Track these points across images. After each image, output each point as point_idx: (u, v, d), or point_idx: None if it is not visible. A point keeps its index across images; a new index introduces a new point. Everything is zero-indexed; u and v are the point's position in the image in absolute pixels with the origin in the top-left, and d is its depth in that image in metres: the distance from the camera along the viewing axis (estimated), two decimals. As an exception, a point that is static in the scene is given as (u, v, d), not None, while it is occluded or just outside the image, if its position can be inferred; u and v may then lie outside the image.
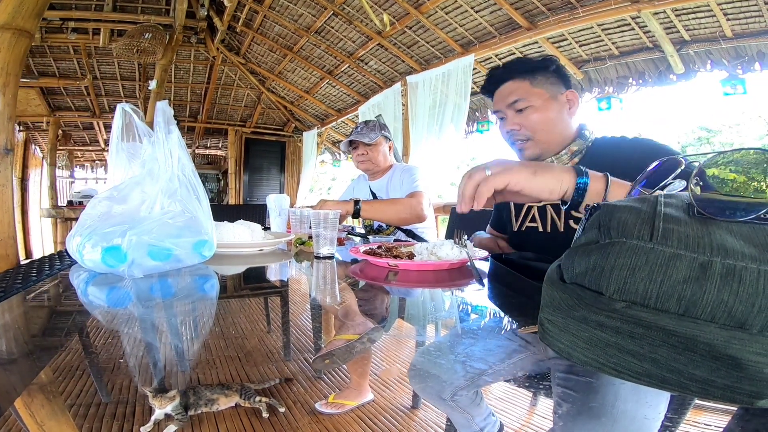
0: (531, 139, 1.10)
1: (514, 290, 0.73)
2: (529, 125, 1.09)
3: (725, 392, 0.28)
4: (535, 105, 1.08)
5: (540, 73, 1.10)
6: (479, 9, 3.51)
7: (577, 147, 1.09)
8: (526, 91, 1.09)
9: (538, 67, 1.10)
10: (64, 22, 4.94)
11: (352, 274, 0.92)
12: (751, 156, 0.38)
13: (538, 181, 0.64)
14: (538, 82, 1.09)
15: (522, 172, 0.64)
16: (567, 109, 1.10)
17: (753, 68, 2.68)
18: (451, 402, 0.34)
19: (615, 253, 0.32)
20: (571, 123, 1.11)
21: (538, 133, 1.09)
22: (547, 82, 1.09)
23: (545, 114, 1.08)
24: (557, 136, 1.09)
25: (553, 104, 1.08)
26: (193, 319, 0.58)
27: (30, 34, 2.13)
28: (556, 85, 1.10)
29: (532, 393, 0.37)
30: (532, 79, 1.09)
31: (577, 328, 0.34)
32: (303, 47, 5.26)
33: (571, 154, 1.09)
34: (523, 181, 0.64)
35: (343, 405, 0.33)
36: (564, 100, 1.10)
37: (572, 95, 1.11)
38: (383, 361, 0.44)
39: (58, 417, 0.31)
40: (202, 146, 8.16)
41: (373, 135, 1.99)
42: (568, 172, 0.66)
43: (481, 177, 0.65)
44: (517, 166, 0.65)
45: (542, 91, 1.09)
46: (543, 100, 1.08)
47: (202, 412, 0.31)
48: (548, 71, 1.10)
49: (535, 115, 1.08)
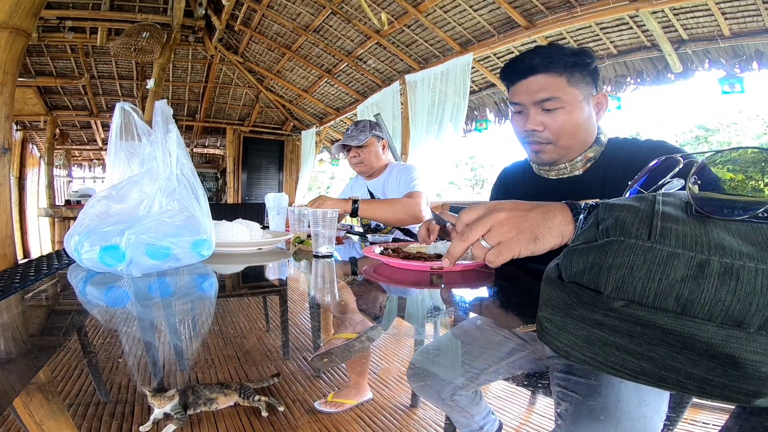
0: (552, 144, 0.99)
1: (513, 289, 0.73)
2: (556, 128, 0.97)
3: (723, 391, 0.28)
4: (567, 107, 0.95)
5: (578, 69, 0.96)
6: (478, 8, 3.51)
7: (593, 153, 1.01)
8: (561, 89, 0.95)
9: (577, 63, 0.96)
10: (61, 21, 4.92)
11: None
12: (749, 155, 0.38)
13: (540, 247, 0.56)
14: (574, 81, 0.96)
15: (522, 242, 0.56)
16: (595, 113, 1.01)
17: (751, 67, 2.69)
18: (451, 401, 0.34)
19: (613, 251, 0.32)
20: (595, 128, 1.02)
21: (563, 138, 0.98)
22: (583, 81, 0.97)
23: (575, 118, 0.96)
24: (580, 143, 1.00)
25: (584, 108, 0.97)
26: (192, 319, 0.58)
27: (27, 34, 2.12)
28: (589, 85, 0.98)
29: (530, 392, 0.37)
30: (570, 76, 0.96)
31: (576, 327, 0.34)
32: (301, 46, 5.25)
33: (586, 161, 1.02)
34: (525, 251, 0.56)
35: (342, 404, 0.33)
36: (594, 102, 1.00)
37: (603, 98, 1.01)
38: (382, 360, 0.44)
39: (56, 416, 0.31)
40: (200, 145, 8.15)
41: (363, 136, 1.97)
42: (567, 222, 0.57)
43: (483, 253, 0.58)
44: (514, 235, 0.56)
45: (577, 91, 0.96)
46: (577, 102, 0.96)
47: (201, 411, 0.31)
48: (586, 68, 0.97)
49: (564, 117, 0.96)
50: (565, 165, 1.04)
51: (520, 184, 1.21)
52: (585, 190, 1.01)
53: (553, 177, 1.09)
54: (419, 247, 1.06)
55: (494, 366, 0.41)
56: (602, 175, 1.00)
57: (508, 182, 1.29)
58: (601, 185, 0.99)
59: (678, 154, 0.50)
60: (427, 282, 0.82)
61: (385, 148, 2.09)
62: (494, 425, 0.31)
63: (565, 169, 1.05)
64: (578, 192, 1.02)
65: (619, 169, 0.95)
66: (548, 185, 1.09)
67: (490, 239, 0.57)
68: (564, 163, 1.04)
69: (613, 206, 0.38)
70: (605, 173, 0.99)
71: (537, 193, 1.12)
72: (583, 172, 1.03)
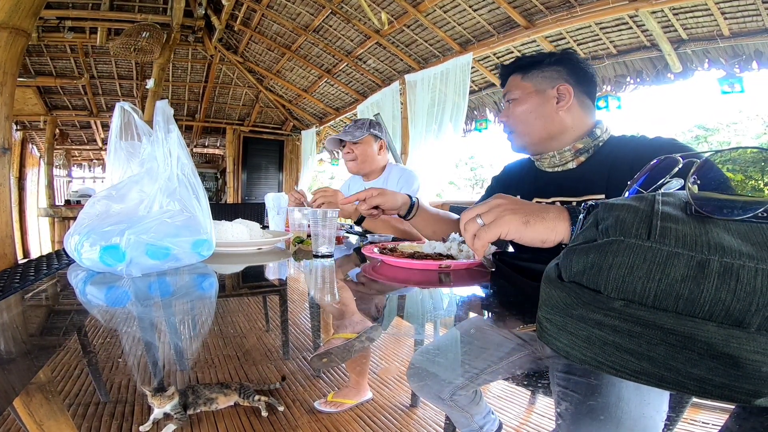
0: (513, 132, 1.13)
1: (513, 289, 0.73)
2: (513, 117, 1.12)
3: (723, 391, 0.28)
4: (517, 98, 1.10)
5: (536, 67, 1.10)
6: (477, 8, 3.51)
7: (582, 145, 1.07)
8: (516, 84, 1.12)
9: (535, 62, 1.11)
10: (61, 21, 4.92)
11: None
12: (749, 155, 0.38)
13: (529, 232, 0.60)
14: (529, 76, 1.10)
15: (512, 222, 0.61)
16: (554, 104, 1.07)
17: (750, 67, 2.69)
18: (450, 402, 0.34)
19: (613, 251, 0.32)
20: (559, 118, 1.07)
21: (518, 125, 1.11)
22: (539, 76, 1.09)
23: (524, 106, 1.09)
24: (539, 130, 1.09)
25: (533, 98, 1.08)
26: (191, 318, 0.58)
27: (27, 33, 2.12)
28: (549, 79, 1.08)
29: (530, 392, 0.37)
30: (524, 73, 1.11)
31: (576, 327, 0.34)
32: (301, 46, 5.25)
33: (575, 152, 1.07)
34: (514, 231, 0.61)
35: (342, 403, 0.33)
36: (553, 94, 1.07)
37: (564, 89, 1.07)
38: (382, 360, 0.44)
39: (56, 416, 0.31)
40: (200, 145, 8.15)
41: (359, 133, 1.96)
42: (562, 219, 0.60)
43: (475, 228, 0.63)
44: (508, 215, 0.61)
45: (529, 84, 1.10)
46: (525, 94, 1.09)
47: (201, 411, 0.31)
48: (542, 65, 1.10)
49: (516, 107, 1.10)
50: (553, 154, 1.10)
51: (520, 177, 1.26)
52: (584, 184, 1.04)
53: (548, 169, 1.14)
54: (415, 246, 1.06)
55: (494, 366, 0.41)
56: (605, 170, 1.01)
57: (511, 175, 1.33)
58: (605, 181, 1.01)
59: (686, 153, 0.50)
60: (435, 281, 0.82)
61: (383, 149, 2.05)
62: (494, 425, 0.31)
63: (554, 158, 1.11)
64: (577, 185, 1.06)
65: (626, 166, 0.95)
66: (545, 178, 1.15)
67: (485, 218, 0.63)
68: (552, 152, 1.10)
69: (613, 206, 0.38)
70: (609, 169, 1.01)
71: (534, 185, 1.17)
72: (578, 166, 1.08)
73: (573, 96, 1.07)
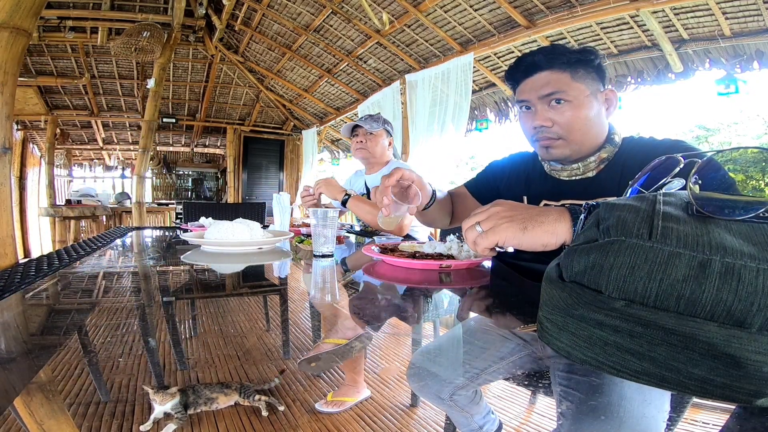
0: (563, 138, 0.98)
1: (514, 289, 0.73)
2: (564, 123, 0.97)
3: (724, 391, 0.28)
4: (574, 101, 0.96)
5: (582, 66, 0.98)
6: (478, 7, 3.51)
7: (606, 154, 1.00)
8: (566, 84, 0.96)
9: (581, 60, 0.98)
10: (61, 20, 4.93)
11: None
12: (750, 155, 0.38)
13: (527, 239, 0.59)
14: (579, 76, 0.97)
15: (510, 230, 0.59)
16: (605, 110, 1.00)
17: (751, 67, 2.68)
18: (450, 401, 0.34)
19: (614, 251, 0.32)
20: (605, 125, 1.01)
21: (573, 132, 0.97)
22: (588, 77, 0.98)
23: (584, 112, 0.96)
24: (592, 138, 0.99)
25: (593, 102, 0.97)
26: (192, 318, 0.58)
27: (27, 33, 2.13)
28: (595, 81, 0.99)
29: (531, 391, 0.37)
30: (574, 72, 0.97)
31: (577, 327, 0.34)
32: (302, 46, 5.25)
33: (599, 161, 1.00)
34: (512, 239, 0.59)
35: (342, 402, 0.33)
36: (603, 98, 1.00)
37: (611, 94, 1.01)
38: (382, 359, 0.44)
39: (57, 416, 0.31)
40: (200, 145, 8.15)
41: (376, 125, 2.03)
42: (563, 220, 0.58)
43: (475, 236, 0.62)
44: (505, 223, 0.60)
45: (583, 86, 0.97)
46: (584, 97, 0.96)
47: (201, 410, 0.31)
48: (590, 65, 0.99)
49: (572, 111, 0.96)
50: (578, 165, 1.02)
51: (527, 175, 1.17)
52: (600, 192, 0.98)
53: (564, 178, 1.06)
54: (414, 246, 1.06)
55: (494, 366, 0.41)
56: (618, 175, 0.97)
57: (517, 170, 1.21)
58: (617, 186, 0.96)
59: (688, 153, 0.50)
60: (435, 281, 0.82)
61: (391, 145, 2.14)
62: (494, 425, 0.31)
63: (578, 169, 1.03)
64: (593, 194, 0.99)
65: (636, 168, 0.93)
66: (561, 186, 1.06)
67: (484, 225, 0.62)
68: (577, 163, 1.02)
69: (614, 206, 0.38)
70: (621, 173, 0.97)
71: (544, 188, 1.09)
72: (597, 174, 1.01)
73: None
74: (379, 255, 0.96)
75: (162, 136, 7.73)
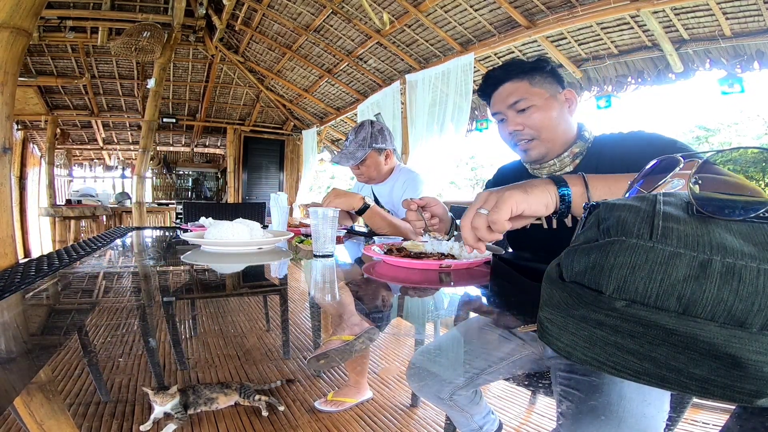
0: (536, 139, 1.10)
1: (513, 289, 0.73)
2: (533, 124, 1.08)
3: (725, 391, 0.28)
4: (536, 104, 1.08)
5: (537, 73, 1.10)
6: (478, 7, 3.51)
7: (578, 149, 1.10)
8: (526, 90, 1.09)
9: (535, 68, 1.11)
10: (62, 20, 4.93)
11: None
12: (750, 155, 0.38)
13: (533, 198, 0.64)
14: (536, 82, 1.10)
15: (515, 195, 0.63)
16: (567, 108, 1.11)
17: (752, 67, 2.68)
18: (450, 401, 0.34)
19: (615, 251, 0.32)
20: (571, 122, 1.11)
21: (543, 131, 1.08)
22: (545, 82, 1.10)
23: (548, 112, 1.08)
24: (561, 135, 1.09)
25: (553, 103, 1.09)
26: (192, 318, 0.58)
27: (28, 33, 2.13)
28: (553, 85, 1.11)
29: (531, 391, 0.37)
30: (531, 79, 1.10)
31: (577, 327, 0.34)
32: (302, 46, 5.25)
33: (573, 156, 1.10)
34: (522, 201, 0.63)
35: (342, 403, 0.33)
36: (563, 99, 1.11)
37: (570, 94, 1.12)
38: (382, 359, 0.44)
39: (57, 416, 0.31)
40: (200, 145, 8.15)
41: (360, 153, 1.87)
42: (550, 184, 0.66)
43: (484, 221, 0.64)
44: (507, 192, 0.64)
45: (542, 90, 1.09)
46: (544, 99, 1.09)
47: (201, 410, 0.31)
48: (544, 71, 1.11)
49: (537, 114, 1.08)
50: (554, 162, 1.11)
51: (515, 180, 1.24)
52: None
53: (545, 175, 1.12)
54: (415, 245, 1.06)
55: (494, 366, 0.41)
56: (593, 169, 1.03)
57: (507, 179, 1.29)
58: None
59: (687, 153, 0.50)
60: (435, 281, 0.82)
61: (390, 156, 1.97)
62: (494, 425, 0.31)
63: (554, 165, 1.12)
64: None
65: (607, 162, 1.02)
66: None
67: (487, 205, 0.64)
68: (553, 160, 1.11)
69: (614, 206, 0.38)
70: (596, 167, 1.04)
71: None
72: (574, 168, 1.10)
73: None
74: (380, 255, 0.96)
75: (162, 136, 7.73)
